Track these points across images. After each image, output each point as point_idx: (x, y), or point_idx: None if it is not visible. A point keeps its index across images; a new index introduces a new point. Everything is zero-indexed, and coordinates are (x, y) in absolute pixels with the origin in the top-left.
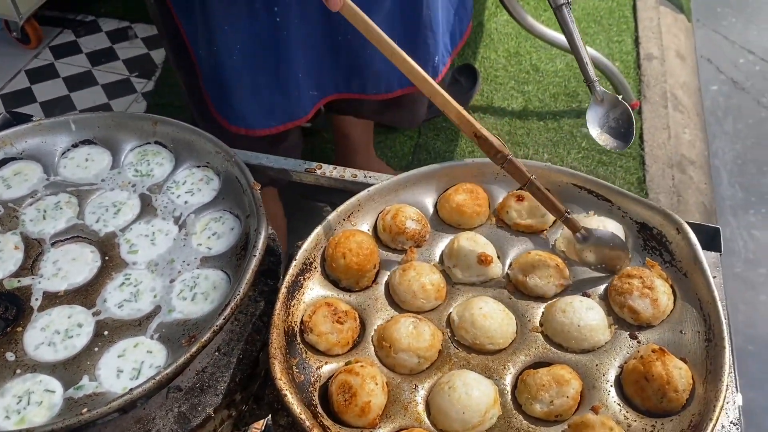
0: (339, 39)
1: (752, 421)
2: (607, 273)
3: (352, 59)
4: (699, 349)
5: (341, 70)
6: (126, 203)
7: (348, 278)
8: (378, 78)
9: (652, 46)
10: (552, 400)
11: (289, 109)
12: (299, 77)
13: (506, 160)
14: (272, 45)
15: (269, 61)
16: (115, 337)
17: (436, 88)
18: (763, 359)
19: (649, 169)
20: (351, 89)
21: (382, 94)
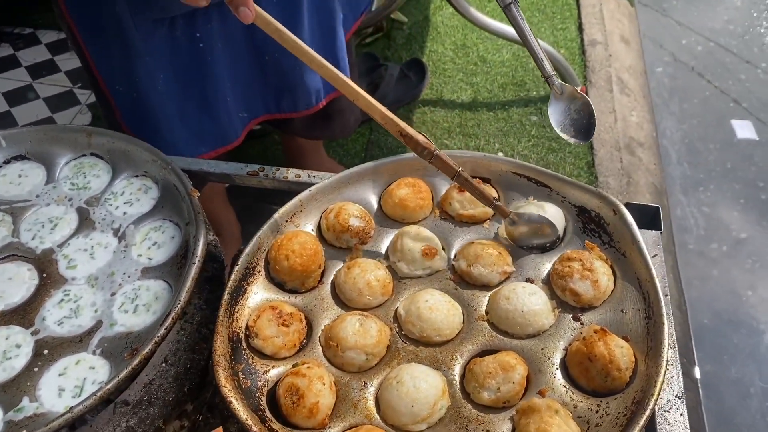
0: (266, 59)
1: (712, 392)
2: (541, 248)
3: (281, 79)
4: (640, 327)
5: (270, 90)
6: (63, 218)
7: (293, 280)
8: (307, 92)
9: (595, 31)
10: (499, 387)
11: (220, 133)
12: (228, 101)
13: (433, 155)
14: (198, 71)
15: (196, 87)
16: (55, 356)
17: (358, 91)
18: (719, 332)
19: (598, 153)
20: (282, 109)
21: (313, 107)
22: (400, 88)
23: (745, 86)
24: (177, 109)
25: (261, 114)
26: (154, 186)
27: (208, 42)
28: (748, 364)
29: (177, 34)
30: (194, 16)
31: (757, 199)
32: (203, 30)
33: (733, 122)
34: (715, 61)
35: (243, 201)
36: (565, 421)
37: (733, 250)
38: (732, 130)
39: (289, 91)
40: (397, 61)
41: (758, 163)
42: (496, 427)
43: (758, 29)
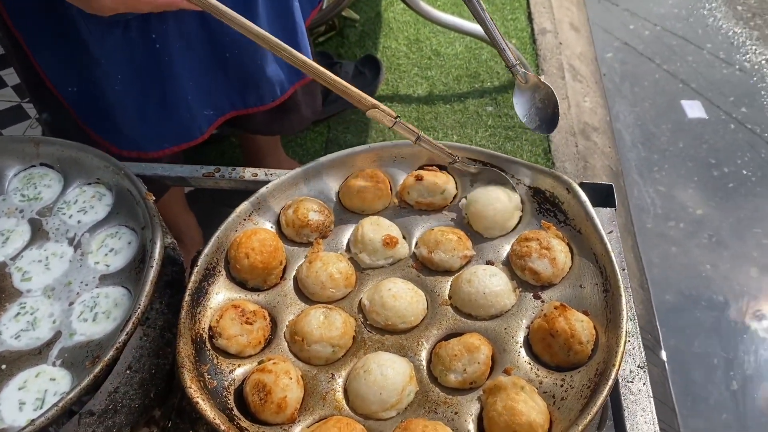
0: (227, 56)
1: (677, 366)
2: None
3: (245, 75)
4: (598, 301)
5: (234, 87)
6: (14, 230)
7: (254, 278)
8: (272, 85)
9: (545, 20)
10: (465, 368)
11: (182, 131)
12: (188, 99)
13: (395, 122)
14: (156, 72)
15: (155, 88)
16: (14, 370)
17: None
18: (680, 307)
19: (553, 139)
20: (248, 104)
21: (279, 99)
22: (355, 85)
23: (692, 67)
24: (136, 108)
25: (227, 111)
26: (108, 192)
27: (165, 42)
28: (710, 337)
29: (132, 36)
30: (149, 17)
31: (710, 176)
32: (159, 31)
33: (683, 103)
34: (663, 45)
35: (203, 206)
36: (531, 396)
37: (691, 227)
38: (683, 111)
39: (253, 85)
40: (351, 58)
41: (709, 141)
42: (465, 408)
43: (702, 11)
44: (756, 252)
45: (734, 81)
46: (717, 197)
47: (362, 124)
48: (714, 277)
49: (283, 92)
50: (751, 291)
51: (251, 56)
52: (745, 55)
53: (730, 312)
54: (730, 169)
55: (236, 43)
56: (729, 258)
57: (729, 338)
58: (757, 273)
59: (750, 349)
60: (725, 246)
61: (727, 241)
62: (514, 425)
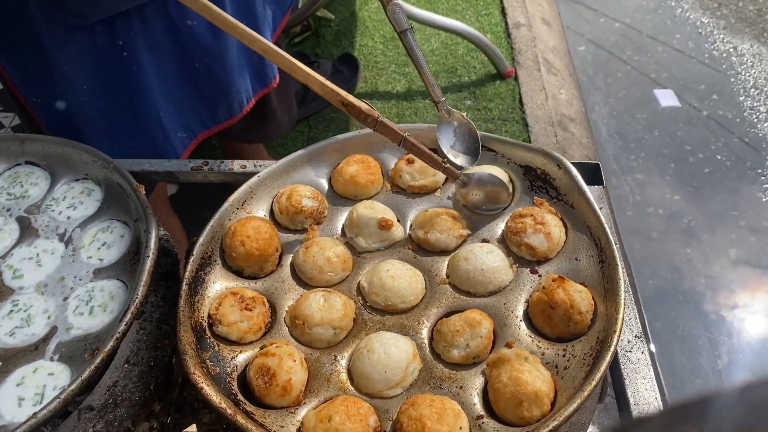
0: (196, 66)
1: (664, 349)
2: (495, 210)
3: (214, 84)
4: (595, 272)
5: (204, 102)
6: (2, 229)
7: (251, 265)
8: (239, 93)
9: (518, 15)
10: (467, 343)
11: (156, 153)
12: (160, 116)
13: (377, 122)
14: (124, 82)
15: (123, 99)
16: (11, 367)
17: (293, 62)
18: (664, 291)
19: (533, 130)
20: (218, 119)
21: (245, 108)
22: (334, 83)
23: (663, 57)
24: (105, 121)
25: (199, 131)
26: (97, 188)
27: (132, 50)
28: (694, 319)
29: (97, 41)
30: (114, 22)
31: (686, 162)
32: (125, 37)
33: (655, 92)
34: (633, 37)
35: (188, 209)
36: (535, 366)
37: (669, 212)
38: (656, 100)
39: (222, 95)
40: (328, 57)
41: (683, 128)
42: (469, 382)
43: (669, 3)
44: (734, 234)
45: (704, 69)
46: (693, 183)
47: (343, 122)
48: (694, 259)
49: (247, 101)
50: (730, 273)
51: (220, 65)
52: (714, 44)
53: (711, 293)
54: (705, 155)
55: (205, 51)
56: (708, 241)
57: (712, 319)
58: (735, 254)
59: (733, 329)
60: (703, 230)
61: (704, 225)
62: (520, 395)
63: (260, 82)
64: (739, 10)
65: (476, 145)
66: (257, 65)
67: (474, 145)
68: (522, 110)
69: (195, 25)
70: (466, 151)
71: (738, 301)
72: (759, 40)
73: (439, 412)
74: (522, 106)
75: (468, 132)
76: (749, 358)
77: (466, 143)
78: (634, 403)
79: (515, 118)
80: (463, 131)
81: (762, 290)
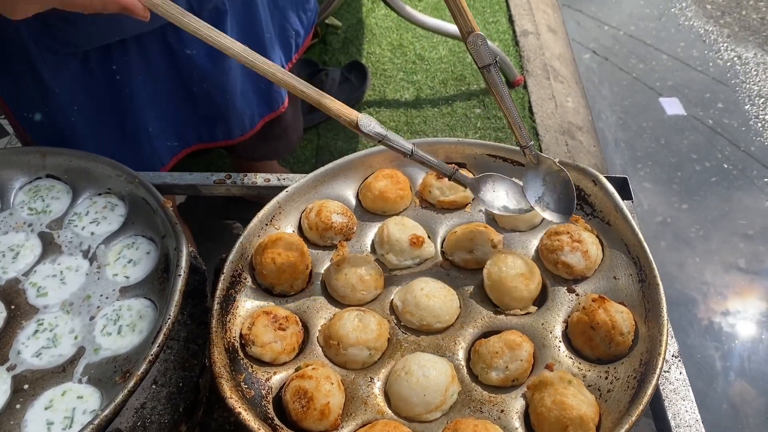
0: (194, 90)
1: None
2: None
3: (212, 108)
4: (635, 291)
5: (203, 120)
6: (24, 245)
7: (281, 283)
8: (240, 118)
9: (526, 22)
10: (507, 365)
11: (143, 161)
12: (150, 131)
13: (384, 137)
14: (115, 103)
15: (113, 119)
16: (38, 389)
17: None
18: (673, 300)
19: (543, 139)
20: (215, 137)
21: (248, 133)
22: (342, 91)
23: (667, 65)
24: (93, 138)
25: (194, 143)
26: (120, 202)
27: (126, 75)
28: (709, 329)
29: (91, 66)
30: (109, 49)
31: (693, 170)
32: (120, 62)
33: (661, 100)
34: (638, 45)
35: (197, 219)
36: (579, 390)
37: (677, 221)
38: (661, 108)
39: (221, 119)
40: (335, 65)
41: (689, 137)
42: (510, 405)
43: (673, 11)
44: (742, 243)
45: (709, 78)
46: (701, 191)
47: (351, 131)
48: (702, 268)
49: (252, 126)
50: (740, 281)
51: (220, 91)
52: (718, 52)
53: (723, 303)
54: (712, 164)
55: (204, 78)
56: (717, 250)
57: (725, 330)
58: (745, 263)
59: (747, 338)
60: (712, 238)
61: (713, 233)
62: (565, 419)
63: (268, 107)
64: (742, 18)
65: (570, 198)
66: (264, 91)
67: (568, 198)
68: (532, 119)
69: (194, 54)
70: (557, 204)
71: (745, 309)
72: (763, 48)
73: None
74: (532, 114)
75: (561, 183)
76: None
77: (557, 195)
78: (676, 426)
79: (525, 126)
80: (554, 181)
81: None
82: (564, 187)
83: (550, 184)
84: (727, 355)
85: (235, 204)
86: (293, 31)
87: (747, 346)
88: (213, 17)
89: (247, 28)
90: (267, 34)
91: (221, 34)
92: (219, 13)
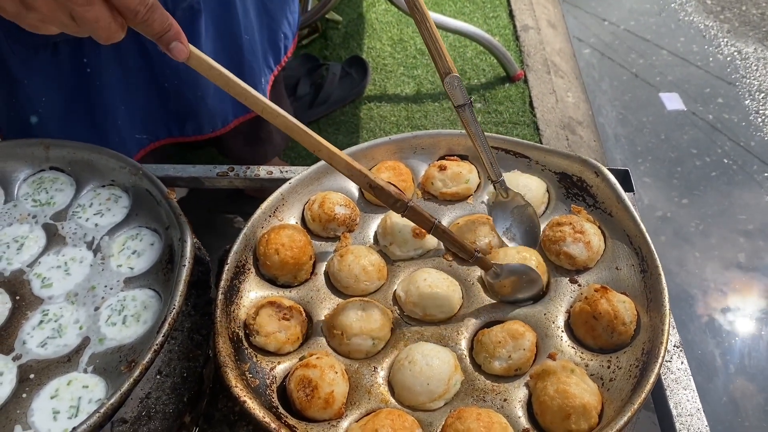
0: (166, 86)
1: None
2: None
3: (184, 104)
4: (636, 281)
5: (173, 115)
6: (28, 236)
7: (285, 274)
8: (212, 116)
9: (526, 17)
10: (510, 354)
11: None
12: (118, 124)
13: (407, 207)
14: (84, 96)
15: (81, 112)
16: (43, 379)
17: (321, 142)
18: (677, 297)
19: (544, 133)
20: (186, 133)
21: (219, 130)
22: (343, 86)
23: (666, 60)
24: (60, 130)
25: (163, 137)
26: (124, 194)
27: (97, 68)
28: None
29: (61, 58)
30: (81, 42)
31: (693, 165)
32: (91, 55)
33: (661, 95)
34: (638, 40)
35: (198, 214)
36: (582, 378)
37: (677, 216)
38: (661, 103)
39: (192, 116)
40: (336, 60)
41: (689, 132)
42: (513, 394)
43: (672, 6)
44: (742, 238)
45: (709, 73)
46: (701, 185)
47: (352, 125)
48: (703, 263)
49: (224, 124)
50: (739, 277)
51: (191, 88)
52: (718, 47)
53: (721, 298)
54: (712, 159)
55: (176, 74)
56: (716, 245)
57: (723, 324)
58: (744, 258)
59: (746, 333)
60: (712, 234)
61: (713, 228)
62: (568, 408)
63: (244, 108)
64: (742, 13)
65: (536, 232)
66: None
67: (533, 232)
68: (533, 113)
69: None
70: (524, 237)
71: (744, 302)
72: (763, 43)
73: (486, 425)
74: (533, 109)
75: (527, 217)
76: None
77: (523, 227)
78: (677, 414)
79: (526, 121)
80: (521, 214)
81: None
82: (530, 220)
83: (517, 216)
84: (727, 350)
85: (236, 199)
86: (282, 34)
87: (747, 343)
88: (186, 17)
89: (223, 29)
90: (245, 36)
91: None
92: (193, 12)
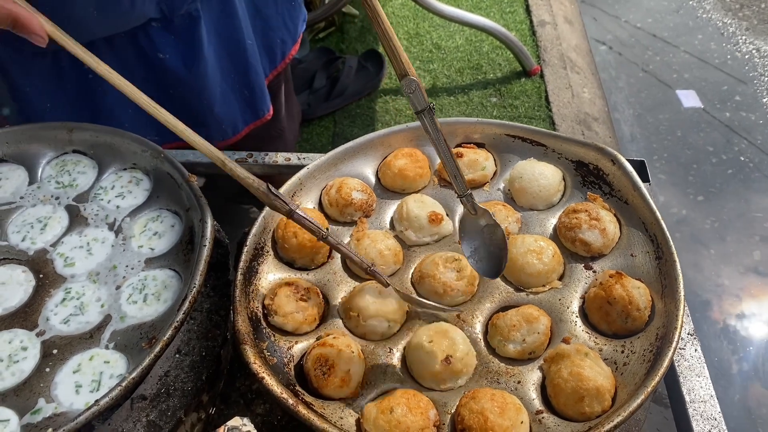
0: (170, 93)
1: None
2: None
3: (190, 112)
4: (651, 268)
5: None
6: (52, 217)
7: (302, 257)
8: (220, 123)
9: (543, 12)
10: (524, 338)
11: None
12: (126, 127)
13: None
14: (89, 102)
15: (86, 117)
16: (66, 354)
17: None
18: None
19: (560, 128)
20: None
21: (230, 138)
22: (359, 79)
23: (684, 58)
24: None
25: (173, 141)
26: (145, 177)
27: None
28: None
29: (62, 66)
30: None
31: (708, 162)
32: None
33: (678, 92)
34: (655, 37)
35: (213, 204)
36: (595, 362)
37: (693, 213)
38: (678, 100)
39: (201, 124)
40: (352, 53)
41: (705, 129)
42: (527, 377)
43: (691, 3)
44: (758, 235)
45: (726, 70)
46: (717, 183)
47: (368, 118)
48: (717, 259)
49: (235, 133)
50: (753, 275)
51: (196, 96)
52: (736, 45)
53: (735, 292)
54: (728, 156)
55: (179, 82)
56: (732, 242)
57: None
58: (759, 255)
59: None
60: (728, 230)
61: (729, 225)
62: (582, 390)
63: (253, 114)
64: (761, 11)
65: (502, 257)
66: (248, 98)
67: (500, 256)
68: (548, 108)
69: (167, 58)
70: (488, 261)
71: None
72: None
73: (500, 406)
74: (548, 104)
75: (498, 238)
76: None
77: (492, 249)
78: (690, 401)
79: (542, 116)
80: (491, 234)
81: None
82: (498, 244)
83: (486, 236)
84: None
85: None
86: (279, 40)
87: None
88: (185, 23)
89: (226, 35)
90: (248, 41)
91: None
92: (191, 19)
